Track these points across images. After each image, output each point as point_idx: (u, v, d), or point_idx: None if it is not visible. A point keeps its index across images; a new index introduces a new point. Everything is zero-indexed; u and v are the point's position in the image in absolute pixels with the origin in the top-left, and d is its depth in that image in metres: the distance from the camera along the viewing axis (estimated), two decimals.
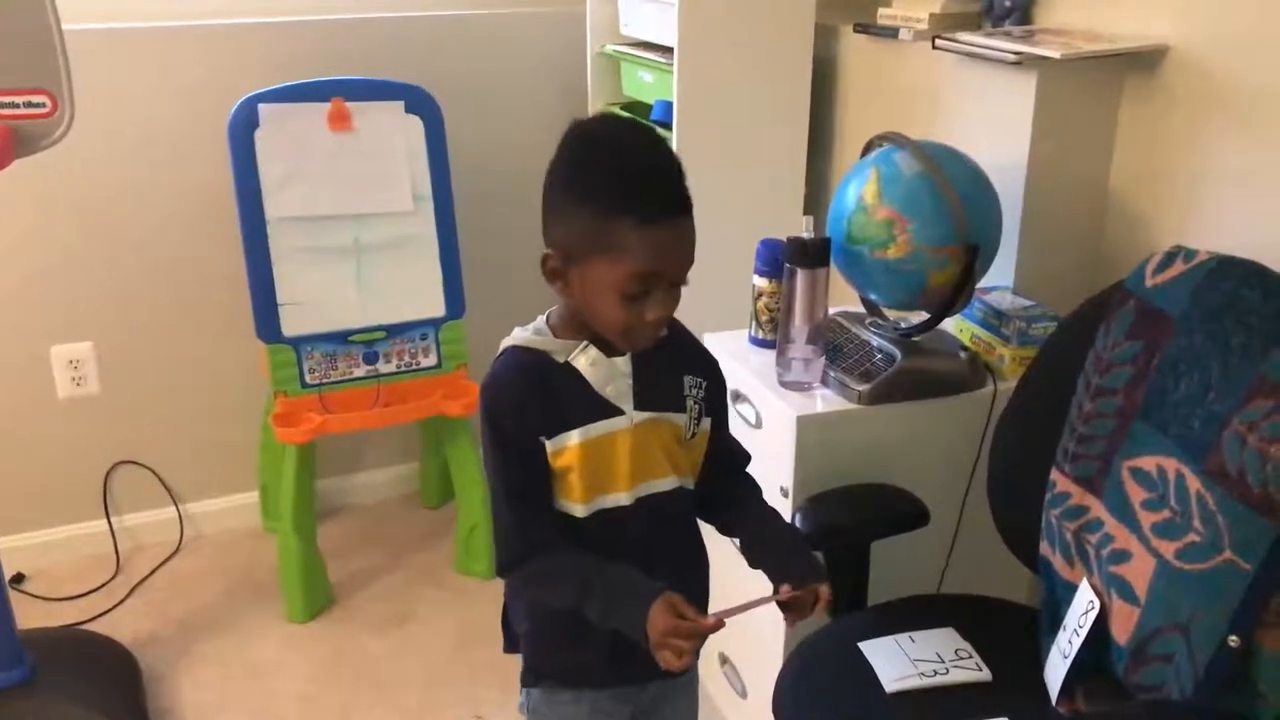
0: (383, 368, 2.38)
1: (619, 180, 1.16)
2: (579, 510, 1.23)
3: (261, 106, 2.23)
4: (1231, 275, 1.30)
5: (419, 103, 2.34)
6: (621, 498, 1.24)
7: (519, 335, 1.28)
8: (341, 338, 2.34)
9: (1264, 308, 1.24)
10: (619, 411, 1.23)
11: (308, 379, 2.33)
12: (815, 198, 2.41)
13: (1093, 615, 1.36)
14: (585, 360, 1.24)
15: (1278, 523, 1.12)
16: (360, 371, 2.37)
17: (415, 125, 2.34)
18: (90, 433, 2.54)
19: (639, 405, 1.24)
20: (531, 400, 1.22)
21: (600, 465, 1.22)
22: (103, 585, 2.49)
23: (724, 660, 2.04)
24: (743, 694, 1.98)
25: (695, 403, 1.29)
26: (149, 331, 2.52)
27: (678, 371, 1.29)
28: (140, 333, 2.52)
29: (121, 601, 2.44)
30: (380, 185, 2.33)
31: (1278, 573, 1.13)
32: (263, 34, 2.43)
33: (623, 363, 1.24)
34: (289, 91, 2.27)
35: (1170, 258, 1.38)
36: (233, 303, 2.40)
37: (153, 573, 2.55)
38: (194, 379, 2.59)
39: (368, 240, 2.34)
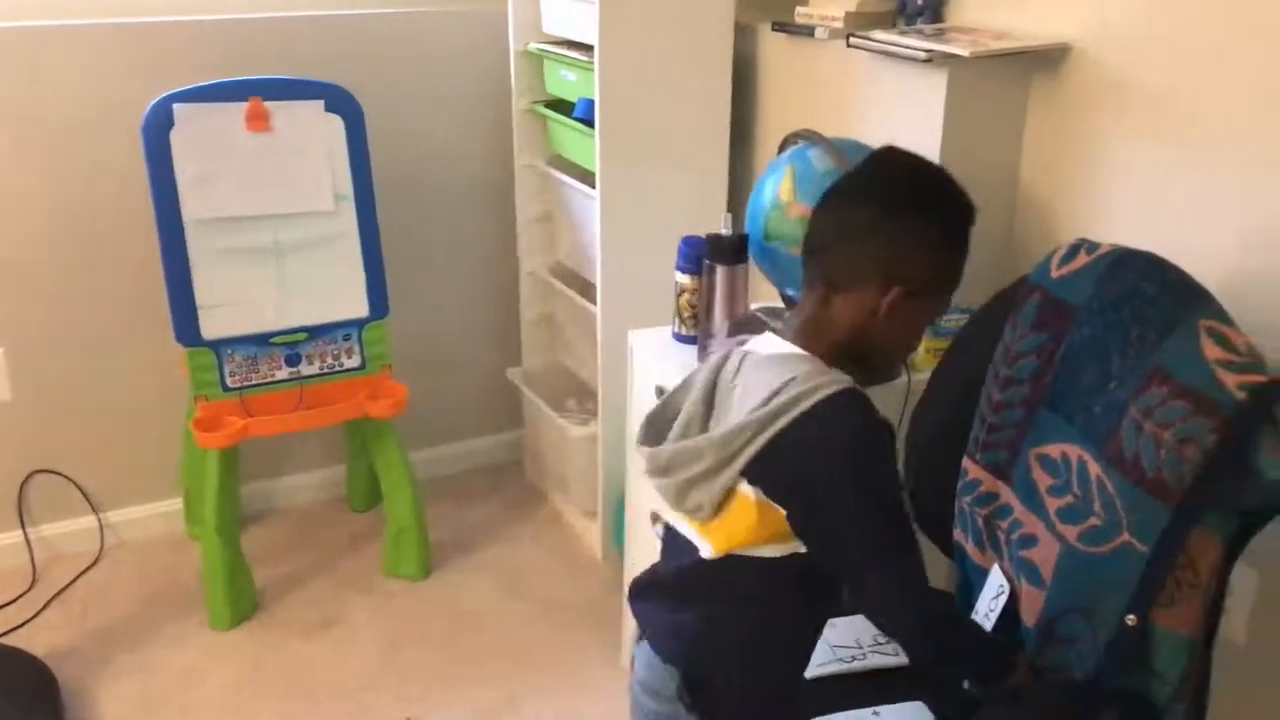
0: (305, 370, 2.35)
1: (967, 223, 1.29)
2: None
3: (176, 106, 2.19)
4: (1131, 267, 1.34)
5: (339, 101, 2.32)
6: None
7: (833, 375, 1.23)
8: (263, 340, 2.31)
9: (1160, 298, 1.28)
10: None
11: (229, 382, 2.29)
12: (738, 195, 2.43)
13: (1003, 599, 1.40)
14: None
15: (1171, 505, 1.16)
16: (282, 374, 2.34)
17: (336, 124, 2.32)
18: (2, 441, 2.47)
19: None
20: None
21: None
22: (18, 598, 2.43)
23: None
24: None
25: None
26: (63, 335, 2.47)
27: None
28: (53, 337, 2.46)
29: (38, 614, 2.38)
30: (300, 185, 2.30)
31: (1171, 553, 1.17)
32: (178, 33, 2.39)
33: None
34: (205, 91, 2.23)
35: (1074, 250, 1.42)
36: (151, 305, 2.35)
37: (71, 583, 2.49)
38: (112, 384, 2.54)
39: (288, 240, 2.31)
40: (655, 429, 1.31)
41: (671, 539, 1.33)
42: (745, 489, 1.19)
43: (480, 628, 2.38)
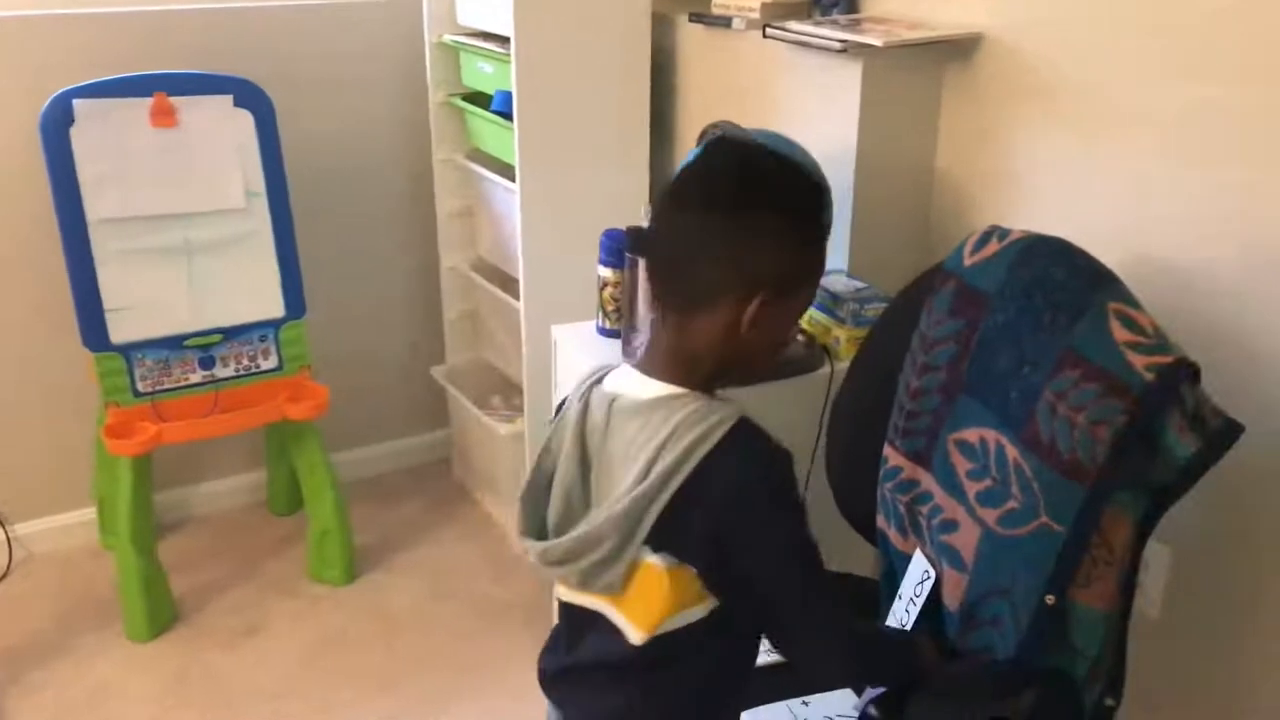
0: (220, 372, 2.29)
1: (819, 209, 1.14)
2: None
3: (76, 102, 2.11)
4: (1041, 253, 1.36)
5: (248, 96, 2.26)
6: None
7: (719, 412, 1.08)
8: (175, 343, 2.24)
9: (1070, 283, 1.30)
10: None
11: (140, 387, 2.23)
12: (659, 186, 2.42)
13: (928, 585, 1.41)
14: None
15: (1085, 486, 1.19)
16: (196, 377, 2.28)
17: (245, 119, 2.26)
18: None
19: None
20: None
21: None
22: None
23: None
24: None
25: None
26: None
27: None
28: None
29: None
30: (210, 182, 2.24)
31: (1087, 533, 1.19)
32: (79, 26, 2.30)
33: None
34: (107, 86, 2.15)
35: (986, 237, 1.43)
36: (58, 309, 2.27)
37: None
38: (17, 391, 2.44)
39: (199, 240, 2.24)
40: (533, 506, 1.16)
41: (579, 618, 1.18)
42: (652, 559, 1.07)
43: (408, 629, 2.34)
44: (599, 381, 1.15)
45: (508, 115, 2.29)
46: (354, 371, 2.74)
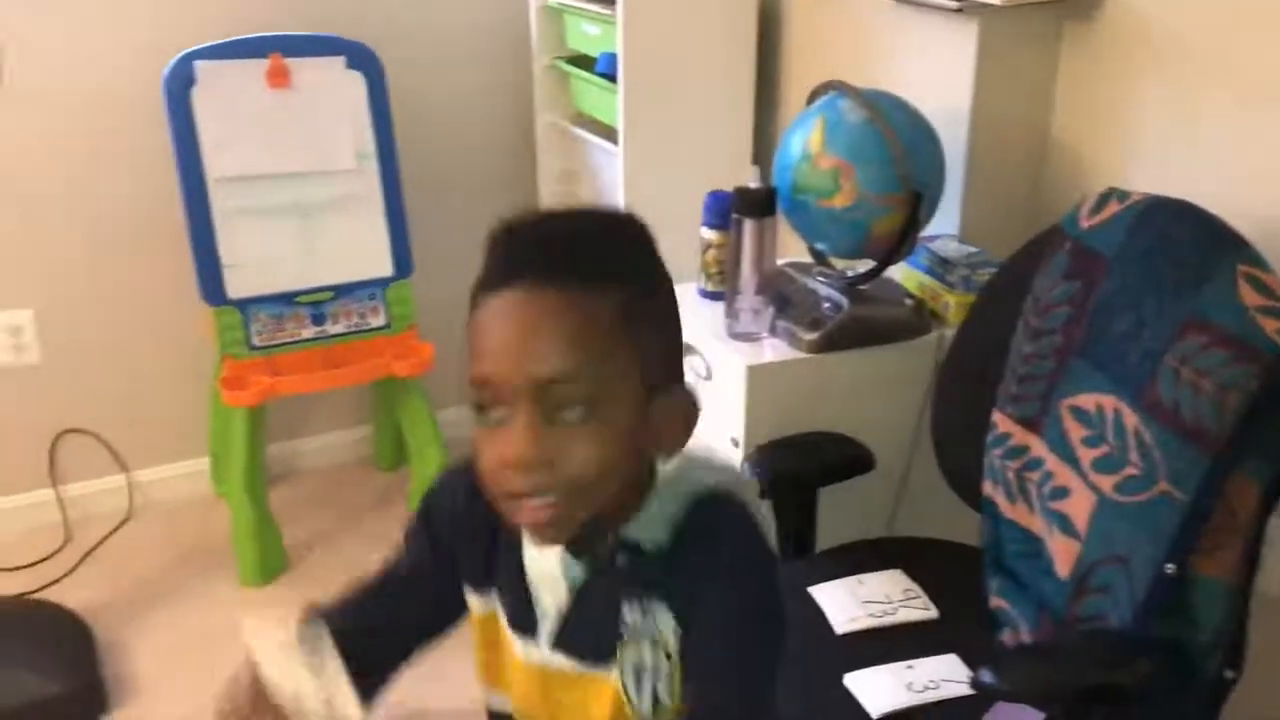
0: (331, 329, 2.36)
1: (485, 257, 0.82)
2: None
3: (198, 64, 2.18)
4: (1162, 215, 1.32)
5: (360, 58, 2.30)
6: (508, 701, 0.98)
7: None
8: (288, 299, 2.31)
9: (1194, 245, 1.27)
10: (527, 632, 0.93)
11: (255, 341, 2.30)
12: (763, 148, 2.40)
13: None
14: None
15: (1210, 452, 1.16)
16: (308, 333, 2.34)
17: (357, 81, 2.30)
18: (33, 402, 2.48)
19: (555, 643, 0.93)
20: (475, 519, 0.92)
21: (492, 656, 0.98)
22: (52, 554, 2.45)
23: None
24: None
25: (644, 646, 0.86)
26: (91, 297, 2.47)
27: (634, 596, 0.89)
28: (82, 299, 2.46)
29: (72, 570, 2.40)
30: (322, 143, 2.29)
31: (1210, 501, 1.16)
32: None
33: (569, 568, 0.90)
34: (226, 48, 2.22)
35: (1104, 199, 1.40)
36: (176, 265, 2.35)
37: (103, 541, 2.51)
38: (139, 344, 2.54)
39: (311, 199, 2.30)
40: None
41: None
42: None
43: None
44: None
45: (612, 77, 2.29)
46: (458, 331, 2.78)
